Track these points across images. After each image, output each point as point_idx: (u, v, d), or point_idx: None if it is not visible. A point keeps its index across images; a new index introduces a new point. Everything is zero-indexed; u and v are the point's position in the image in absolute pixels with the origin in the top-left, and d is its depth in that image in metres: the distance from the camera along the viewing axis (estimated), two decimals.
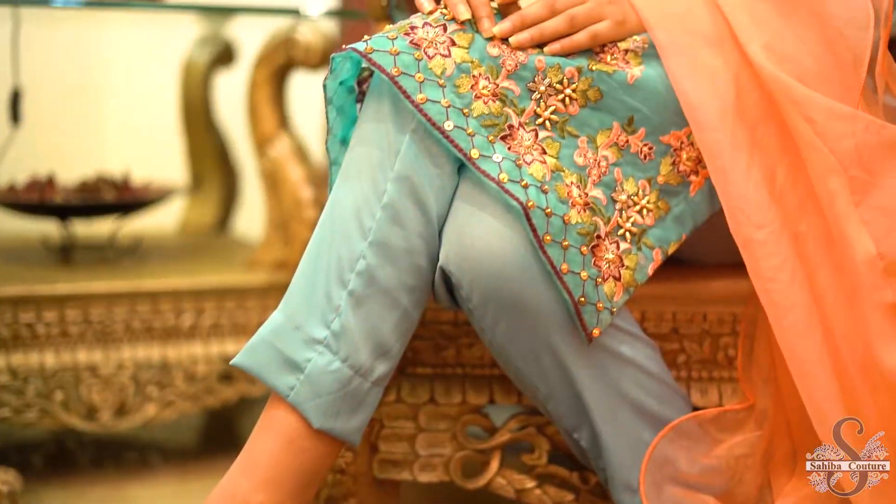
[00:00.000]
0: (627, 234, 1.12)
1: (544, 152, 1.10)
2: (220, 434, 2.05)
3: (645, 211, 1.14)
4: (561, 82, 1.11)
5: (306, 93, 2.13)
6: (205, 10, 2.18)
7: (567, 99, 1.12)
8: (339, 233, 1.10)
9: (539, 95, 1.11)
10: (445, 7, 1.12)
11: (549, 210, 1.07)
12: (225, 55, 2.30)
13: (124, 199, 2.02)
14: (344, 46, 1.09)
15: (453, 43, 1.10)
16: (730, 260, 1.18)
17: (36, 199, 1.96)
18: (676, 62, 1.14)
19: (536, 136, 1.11)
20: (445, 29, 1.10)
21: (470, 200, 1.09)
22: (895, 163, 1.12)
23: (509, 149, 1.09)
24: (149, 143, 2.63)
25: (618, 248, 1.11)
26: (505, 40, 1.11)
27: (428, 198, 1.09)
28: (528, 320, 1.10)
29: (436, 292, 1.13)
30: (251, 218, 2.32)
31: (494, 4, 1.12)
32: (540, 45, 1.12)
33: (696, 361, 1.28)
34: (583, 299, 1.08)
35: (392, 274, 1.09)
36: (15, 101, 1.87)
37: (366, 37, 1.10)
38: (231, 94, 2.21)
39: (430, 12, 1.13)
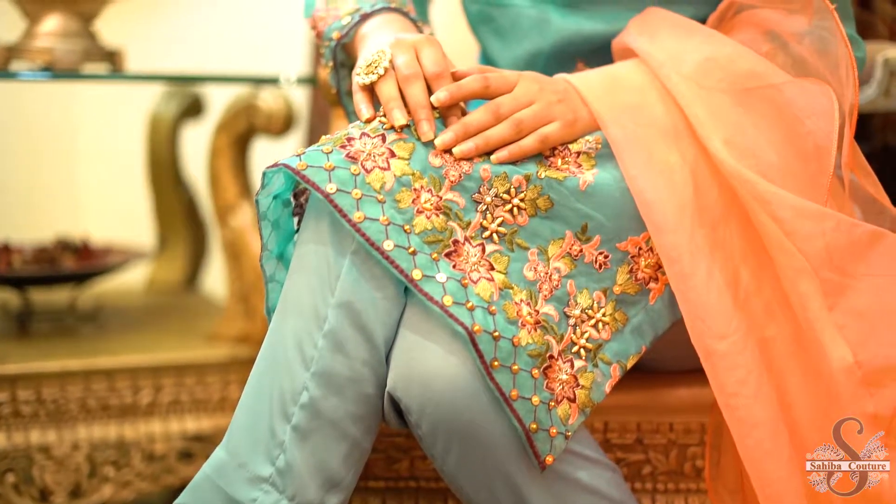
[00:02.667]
0: (582, 351, 1.06)
1: (492, 268, 1.04)
2: None
3: (601, 324, 1.07)
4: (508, 192, 1.05)
5: (270, 161, 2.06)
6: (170, 79, 2.11)
7: (515, 209, 1.05)
8: (280, 364, 1.03)
9: (485, 207, 1.05)
10: (385, 115, 1.06)
11: (496, 333, 1.00)
12: (193, 108, 2.23)
13: (83, 267, 1.95)
14: (276, 162, 1.03)
15: (393, 154, 1.03)
16: (695, 366, 1.12)
17: None
18: (631, 158, 1.08)
19: (483, 250, 1.04)
20: (384, 139, 1.04)
21: (416, 325, 1.03)
22: (868, 263, 1.06)
23: (454, 266, 1.02)
24: (115, 198, 2.56)
25: (572, 366, 1.05)
26: (448, 150, 1.05)
27: (371, 323, 1.03)
28: (479, 448, 1.03)
29: (386, 417, 1.06)
30: (221, 274, 2.25)
31: (437, 102, 1.05)
32: (487, 153, 1.06)
33: (663, 473, 1.23)
34: (534, 426, 1.02)
35: (337, 404, 1.03)
36: None
37: (299, 149, 1.03)
38: (200, 148, 2.14)
39: (369, 120, 1.06)
